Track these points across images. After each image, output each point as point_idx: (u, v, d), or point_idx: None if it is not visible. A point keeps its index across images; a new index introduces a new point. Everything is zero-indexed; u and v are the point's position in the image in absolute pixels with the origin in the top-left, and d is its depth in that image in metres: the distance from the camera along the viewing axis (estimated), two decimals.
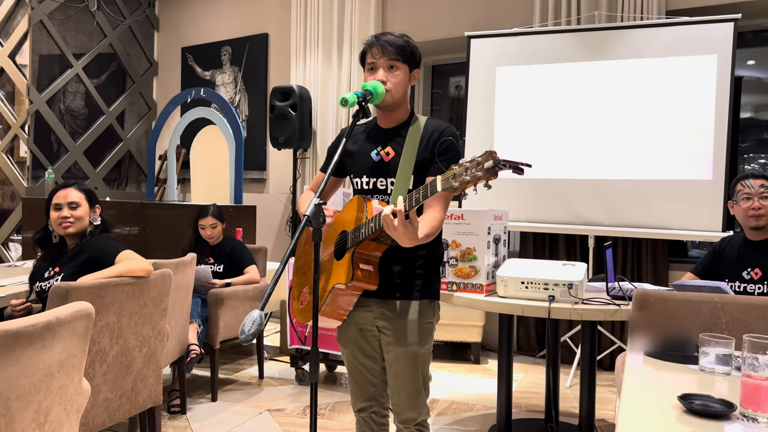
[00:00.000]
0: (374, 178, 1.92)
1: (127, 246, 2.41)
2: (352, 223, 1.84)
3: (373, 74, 1.87)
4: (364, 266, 1.80)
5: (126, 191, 6.54)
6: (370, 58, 1.88)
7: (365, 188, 1.94)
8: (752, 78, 4.43)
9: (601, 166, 4.10)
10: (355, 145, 1.99)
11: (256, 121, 5.96)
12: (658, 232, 3.93)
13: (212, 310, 3.47)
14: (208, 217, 3.73)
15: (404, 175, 1.86)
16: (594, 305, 2.48)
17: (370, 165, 1.92)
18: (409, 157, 1.87)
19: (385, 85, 1.84)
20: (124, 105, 6.43)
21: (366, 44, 1.90)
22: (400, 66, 1.87)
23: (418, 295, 1.91)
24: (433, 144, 1.88)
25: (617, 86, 4.07)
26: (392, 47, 1.85)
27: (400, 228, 1.59)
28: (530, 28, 4.36)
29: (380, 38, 1.87)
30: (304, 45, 5.49)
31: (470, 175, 1.46)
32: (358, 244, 1.78)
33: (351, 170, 1.99)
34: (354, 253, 1.78)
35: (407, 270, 1.90)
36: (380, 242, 1.81)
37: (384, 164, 1.91)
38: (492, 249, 2.71)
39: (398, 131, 1.93)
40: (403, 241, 1.63)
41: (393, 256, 1.87)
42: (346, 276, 1.77)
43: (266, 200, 5.85)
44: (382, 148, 1.93)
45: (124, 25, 6.31)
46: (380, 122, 1.98)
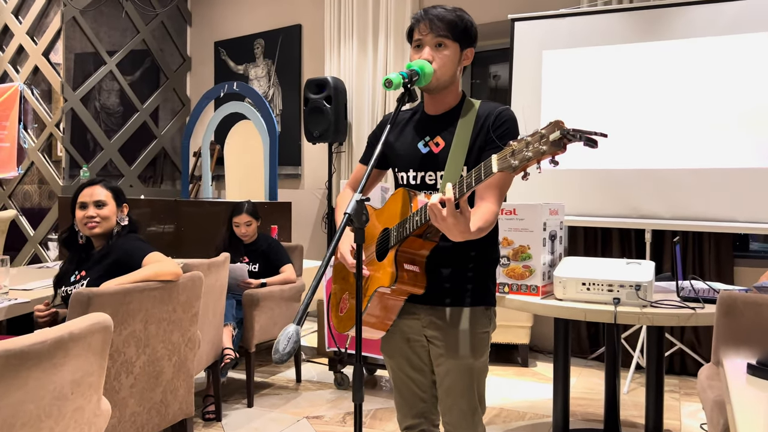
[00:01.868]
0: (422, 172, 1.71)
1: (157, 247, 2.26)
2: (396, 218, 1.63)
3: (419, 52, 1.66)
4: (409, 267, 1.60)
5: (161, 189, 6.47)
6: (417, 35, 1.67)
7: (411, 184, 1.74)
8: None
9: (658, 155, 3.80)
10: (400, 135, 1.78)
11: (291, 114, 5.81)
12: (722, 225, 3.62)
13: (247, 311, 3.31)
14: (242, 214, 3.58)
15: (455, 167, 1.65)
16: (664, 308, 2.23)
17: (418, 157, 1.72)
18: (461, 146, 1.66)
19: (431, 65, 1.63)
20: (158, 101, 6.36)
21: (413, 19, 1.69)
22: (449, 44, 1.66)
23: (471, 301, 1.70)
24: (488, 128, 1.66)
25: (675, 68, 3.76)
26: (441, 22, 1.64)
27: (450, 219, 1.38)
28: (579, 8, 4.08)
29: (429, 12, 1.66)
30: (339, 35, 5.30)
31: (533, 151, 1.23)
32: (402, 241, 1.58)
33: (395, 164, 1.79)
34: (398, 252, 1.58)
35: (458, 273, 1.69)
36: (427, 239, 1.60)
37: (433, 156, 1.70)
38: (548, 247, 2.48)
39: (448, 118, 1.72)
40: (453, 234, 1.43)
41: (441, 257, 1.66)
42: (389, 278, 1.57)
43: (301, 196, 5.70)
44: (430, 138, 1.72)
45: (157, 20, 6.22)
46: (427, 108, 1.77)
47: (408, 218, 1.57)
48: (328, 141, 5.10)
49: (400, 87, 1.54)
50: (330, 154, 5.26)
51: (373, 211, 1.79)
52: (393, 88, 1.51)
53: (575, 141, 1.20)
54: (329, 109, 4.95)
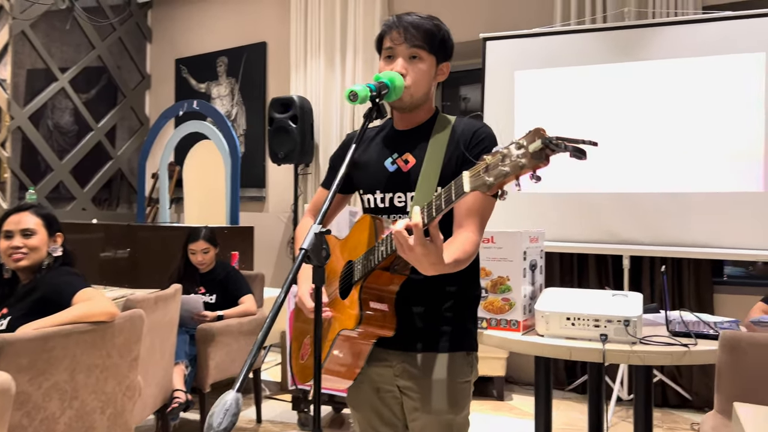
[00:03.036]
0: (390, 193, 1.50)
1: (110, 275, 2.00)
2: (361, 249, 1.42)
3: (389, 63, 1.46)
4: (376, 305, 1.38)
5: (117, 212, 6.14)
6: (388, 43, 1.47)
7: (379, 206, 1.52)
8: None
9: (635, 178, 3.67)
10: (365, 153, 1.57)
11: (255, 135, 5.57)
12: (702, 251, 3.49)
13: (201, 347, 3.04)
14: (199, 240, 3.32)
15: (427, 187, 1.44)
16: (655, 346, 2.05)
17: (385, 177, 1.51)
18: (433, 164, 1.45)
19: (404, 79, 1.43)
20: (115, 120, 6.05)
21: (385, 26, 1.49)
22: (425, 56, 1.46)
23: (449, 345, 1.48)
24: (465, 146, 1.46)
25: (651, 89, 3.66)
26: (417, 31, 1.44)
27: (418, 248, 1.17)
28: (552, 28, 3.97)
29: (403, 19, 1.46)
30: (305, 53, 5.11)
31: (510, 165, 1.03)
32: (367, 275, 1.37)
33: (360, 185, 1.58)
34: (362, 288, 1.37)
35: (433, 312, 1.48)
36: (395, 272, 1.39)
37: (402, 175, 1.49)
38: (528, 277, 2.29)
39: (420, 133, 1.52)
40: (423, 266, 1.22)
41: (413, 293, 1.45)
42: (353, 319, 1.35)
43: (265, 220, 5.44)
44: (399, 154, 1.51)
45: (114, 36, 5.95)
46: (396, 123, 1.57)
47: (373, 248, 1.36)
48: (294, 162, 4.88)
49: (367, 101, 1.34)
50: (296, 176, 5.03)
51: (337, 242, 1.58)
52: (358, 102, 1.30)
53: (560, 151, 1.00)
54: (295, 129, 4.73)
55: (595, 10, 3.96)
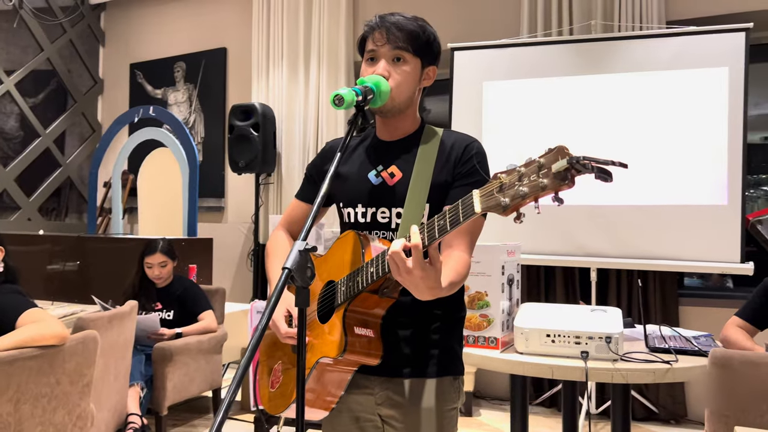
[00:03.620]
0: (373, 207, 1.40)
1: (58, 290, 1.82)
2: (344, 268, 1.31)
3: (372, 66, 1.37)
4: (361, 330, 1.27)
5: (66, 223, 5.84)
6: (371, 45, 1.37)
7: (360, 221, 1.42)
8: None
9: (602, 191, 3.66)
10: (346, 164, 1.47)
11: (213, 143, 5.38)
12: (669, 264, 3.50)
13: (158, 368, 2.85)
14: (156, 253, 3.14)
15: (416, 203, 1.34)
16: (637, 363, 1.99)
17: (368, 190, 1.40)
18: (422, 179, 1.36)
19: (387, 81, 1.34)
20: (64, 126, 5.77)
21: (367, 26, 1.39)
22: (409, 58, 1.37)
23: (437, 370, 1.38)
24: (455, 161, 1.38)
25: (618, 102, 3.67)
26: (401, 32, 1.35)
27: (417, 271, 1.08)
28: (519, 39, 3.95)
29: (386, 19, 1.37)
30: (267, 60, 4.97)
31: (530, 185, 0.96)
32: (352, 299, 1.26)
33: (339, 197, 1.47)
34: (347, 312, 1.25)
35: (420, 335, 1.38)
36: (384, 295, 1.29)
37: (387, 189, 1.39)
38: (506, 292, 2.21)
39: (406, 145, 1.42)
40: (421, 290, 1.12)
41: (400, 317, 1.35)
42: (336, 346, 1.24)
43: (224, 231, 5.25)
44: (384, 167, 1.41)
45: (64, 38, 5.67)
46: (380, 133, 1.47)
47: (360, 269, 1.26)
48: (255, 171, 4.72)
49: (353, 106, 1.23)
50: (257, 186, 4.87)
51: (314, 259, 1.46)
52: (344, 107, 1.20)
53: (586, 172, 0.92)
54: (256, 137, 4.58)
55: (561, 22, 3.96)
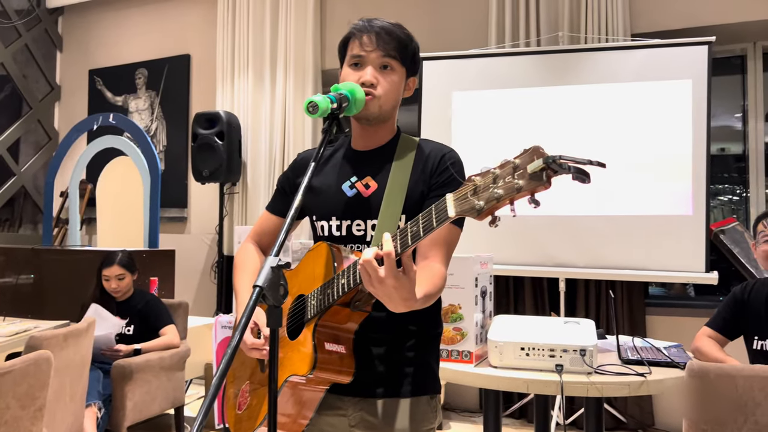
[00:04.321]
0: (348, 220, 1.34)
1: (11, 305, 1.70)
2: (316, 281, 1.25)
3: (357, 72, 1.31)
4: (332, 346, 1.21)
5: (19, 234, 5.61)
6: (358, 49, 1.31)
7: (335, 235, 1.36)
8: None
9: (570, 201, 3.68)
10: (319, 175, 1.41)
11: (176, 151, 5.25)
12: (636, 274, 3.53)
13: (117, 386, 2.73)
14: (113, 266, 3.01)
15: (391, 214, 1.29)
16: (611, 376, 1.98)
17: (342, 202, 1.35)
18: (397, 189, 1.31)
19: (374, 89, 1.29)
20: (19, 134, 5.55)
21: (354, 29, 1.33)
22: (396, 67, 1.33)
23: (412, 389, 1.33)
24: (432, 171, 1.33)
25: (585, 113, 3.70)
26: (391, 38, 1.30)
27: (389, 281, 1.03)
28: (487, 50, 3.96)
29: (374, 23, 1.32)
30: (232, 67, 4.88)
31: (504, 187, 0.91)
32: (323, 312, 1.19)
33: (313, 210, 1.41)
34: (317, 327, 1.19)
35: (395, 353, 1.33)
36: (356, 308, 1.23)
37: (362, 200, 1.34)
38: (479, 305, 2.18)
39: (382, 155, 1.37)
40: (394, 301, 1.06)
41: (374, 332, 1.30)
42: (306, 363, 1.18)
43: (187, 242, 5.11)
44: (358, 178, 1.36)
45: (19, 42, 5.47)
46: (355, 143, 1.41)
47: (331, 281, 1.20)
48: (220, 181, 4.61)
49: (327, 114, 1.18)
50: (221, 196, 4.76)
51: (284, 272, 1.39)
52: (318, 115, 1.14)
53: (563, 173, 0.89)
54: (221, 145, 4.48)
55: (529, 33, 3.98)
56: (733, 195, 4.21)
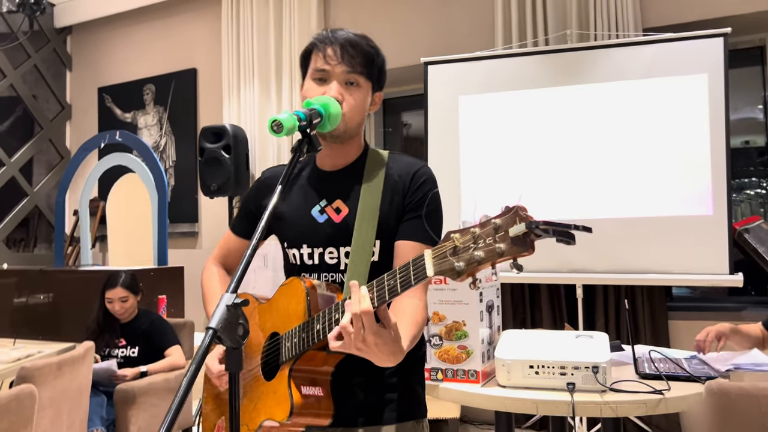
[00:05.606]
0: (320, 247, 1.27)
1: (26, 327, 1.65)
2: (289, 320, 1.17)
3: (321, 87, 1.23)
4: (309, 390, 1.15)
5: (35, 254, 5.63)
6: (321, 63, 1.23)
7: (307, 263, 1.28)
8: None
9: (585, 204, 3.55)
10: (284, 200, 1.32)
11: (186, 166, 5.22)
12: (656, 278, 3.38)
13: (120, 411, 2.67)
14: (116, 288, 2.96)
15: (363, 240, 1.22)
16: (626, 393, 1.86)
17: (313, 228, 1.27)
18: (369, 213, 1.23)
19: (340, 105, 1.21)
20: (31, 154, 5.57)
21: (316, 40, 1.25)
22: (362, 83, 1.25)
23: (396, 415, 1.25)
24: (404, 191, 1.25)
25: (597, 112, 3.57)
26: (357, 52, 1.22)
27: (370, 338, 0.97)
28: (494, 51, 3.85)
29: (338, 35, 1.23)
30: (238, 79, 4.84)
31: (485, 249, 0.87)
32: (297, 357, 1.13)
33: (282, 237, 1.33)
34: (292, 371, 1.13)
35: (375, 380, 1.25)
36: (331, 352, 1.15)
37: (334, 226, 1.26)
38: (485, 320, 2.07)
39: (350, 175, 1.29)
40: (380, 359, 1.01)
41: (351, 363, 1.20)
42: (282, 409, 1.11)
43: (199, 257, 5.07)
44: (328, 202, 1.28)
45: (29, 63, 5.50)
46: (321, 162, 1.33)
47: (306, 325, 1.12)
48: (228, 194, 4.56)
49: (294, 132, 1.09)
50: (230, 209, 4.71)
51: (256, 305, 1.31)
52: (284, 134, 1.06)
53: (546, 237, 0.84)
54: (228, 159, 4.43)
55: (536, 32, 3.87)
56: (759, 189, 4.04)
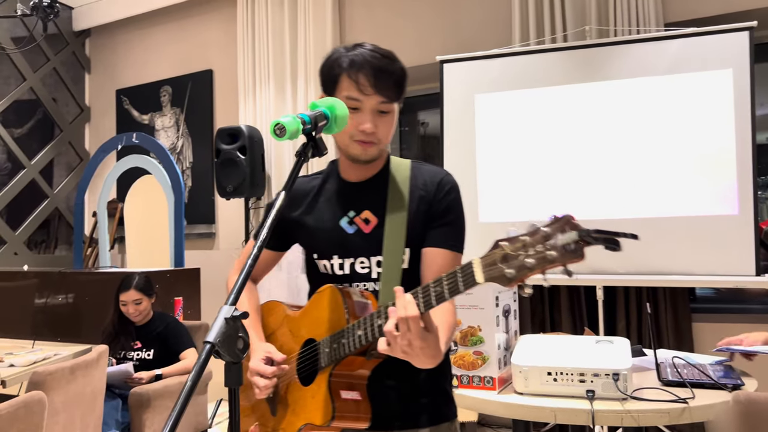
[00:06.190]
0: (351, 258, 1.27)
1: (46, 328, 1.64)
2: (325, 327, 1.19)
3: (353, 116, 1.20)
4: (348, 394, 1.17)
5: (56, 255, 5.68)
6: (355, 93, 1.20)
7: (338, 274, 1.28)
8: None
9: (605, 204, 3.47)
10: (312, 211, 1.32)
11: (203, 167, 5.23)
12: (679, 279, 3.29)
13: (135, 414, 2.67)
14: (130, 290, 2.96)
15: (394, 249, 1.23)
16: (649, 402, 1.79)
17: (343, 240, 1.28)
18: (398, 223, 1.24)
19: (374, 137, 1.21)
20: (51, 156, 5.63)
21: (345, 62, 1.20)
22: (393, 107, 1.24)
23: (429, 418, 1.27)
24: (430, 200, 1.26)
25: (617, 110, 3.48)
26: (390, 79, 1.21)
27: (417, 344, 1.00)
28: (511, 48, 3.78)
29: (370, 60, 1.20)
30: (254, 80, 4.83)
31: (536, 257, 0.90)
32: (337, 362, 1.15)
33: (311, 248, 1.32)
34: (332, 377, 1.15)
35: (409, 383, 1.26)
36: (371, 357, 1.18)
37: (364, 237, 1.26)
38: (502, 325, 2.02)
39: (376, 185, 1.29)
40: (422, 361, 1.05)
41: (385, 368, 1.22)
42: (322, 413, 1.14)
43: (216, 258, 5.08)
44: (356, 212, 1.28)
45: (48, 66, 5.55)
46: (346, 173, 1.32)
47: (345, 331, 1.14)
48: (244, 196, 4.55)
49: (299, 136, 1.06)
50: (246, 211, 4.71)
51: (286, 311, 1.32)
52: (287, 138, 1.02)
53: (596, 244, 0.87)
54: (244, 160, 4.41)
55: (554, 28, 3.80)
56: None
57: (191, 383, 0.78)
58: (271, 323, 1.35)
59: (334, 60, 1.23)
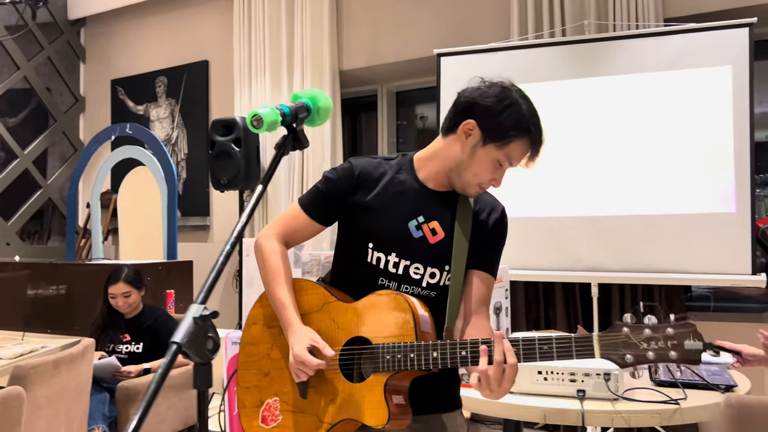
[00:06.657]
0: (408, 261, 1.29)
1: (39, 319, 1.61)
2: (387, 333, 1.21)
3: (498, 170, 1.30)
4: (397, 398, 1.25)
5: (48, 246, 5.64)
6: (517, 159, 1.30)
7: (390, 271, 1.29)
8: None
9: (602, 201, 3.44)
10: (383, 198, 1.32)
11: (198, 159, 5.18)
12: (674, 277, 3.27)
13: (122, 408, 2.64)
14: (118, 283, 2.93)
15: (460, 268, 1.30)
16: (640, 403, 1.76)
17: (408, 242, 1.30)
18: (463, 242, 1.30)
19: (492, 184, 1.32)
20: (44, 146, 5.58)
21: (533, 133, 1.27)
22: None
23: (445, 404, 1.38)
24: (487, 229, 1.35)
25: (615, 106, 3.45)
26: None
27: (507, 387, 1.12)
28: (509, 42, 3.74)
29: (543, 139, 1.30)
30: (249, 71, 4.78)
31: (657, 353, 1.02)
32: (397, 371, 1.22)
33: (370, 235, 1.31)
34: (388, 383, 1.22)
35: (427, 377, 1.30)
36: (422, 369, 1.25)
37: (429, 247, 1.29)
38: (493, 323, 1.99)
39: (449, 200, 1.33)
40: (499, 394, 1.14)
41: None
42: (377, 415, 1.20)
43: (210, 250, 5.04)
44: (425, 219, 1.30)
45: (42, 55, 5.50)
46: (426, 176, 1.34)
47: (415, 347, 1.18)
48: (239, 188, 4.51)
49: (277, 128, 1.02)
50: (241, 203, 4.67)
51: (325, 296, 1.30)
52: (264, 130, 0.98)
53: (713, 356, 0.98)
54: (238, 152, 4.37)
55: (553, 23, 3.75)
56: None
57: (155, 386, 0.75)
58: (305, 304, 1.31)
59: (520, 116, 1.27)
